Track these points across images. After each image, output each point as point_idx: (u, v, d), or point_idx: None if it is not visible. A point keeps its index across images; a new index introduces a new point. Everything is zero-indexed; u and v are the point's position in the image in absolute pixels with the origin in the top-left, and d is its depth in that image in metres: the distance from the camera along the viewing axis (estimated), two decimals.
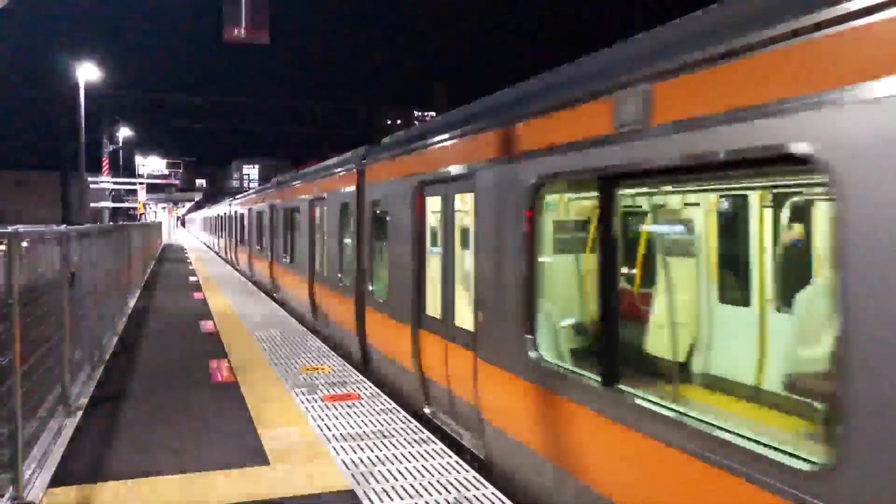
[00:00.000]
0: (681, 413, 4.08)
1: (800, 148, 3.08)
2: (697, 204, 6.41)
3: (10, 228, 5.36)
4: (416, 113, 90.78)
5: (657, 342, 6.09)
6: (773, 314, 5.95)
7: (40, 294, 6.55)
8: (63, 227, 7.84)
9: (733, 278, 6.45)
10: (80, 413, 7.40)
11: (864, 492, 2.76)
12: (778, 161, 3.37)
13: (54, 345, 6.91)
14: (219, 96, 44.14)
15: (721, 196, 6.33)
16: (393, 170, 9.32)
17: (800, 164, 3.13)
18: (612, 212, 4.73)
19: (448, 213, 7.59)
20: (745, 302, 6.22)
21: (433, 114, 74.41)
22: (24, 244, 5.76)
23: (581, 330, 6.33)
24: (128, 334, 12.41)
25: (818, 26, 3.00)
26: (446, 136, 7.41)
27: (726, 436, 3.58)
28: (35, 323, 6.17)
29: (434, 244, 8.27)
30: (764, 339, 5.94)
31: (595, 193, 4.93)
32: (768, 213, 5.96)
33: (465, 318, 7.13)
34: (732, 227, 6.36)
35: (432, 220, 8.42)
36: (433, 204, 8.21)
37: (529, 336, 5.62)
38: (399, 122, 79.39)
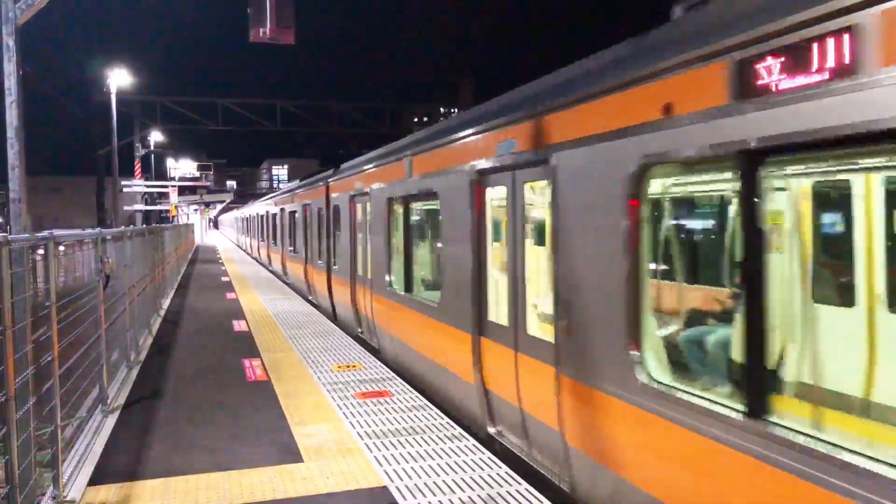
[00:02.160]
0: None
1: None
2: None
3: (46, 233, 5.46)
4: (441, 109, 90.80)
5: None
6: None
7: (77, 297, 6.68)
8: (97, 230, 7.97)
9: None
10: (117, 413, 7.52)
11: None
12: None
13: (92, 346, 7.04)
14: (247, 98, 44.41)
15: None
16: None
17: None
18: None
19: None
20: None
21: (456, 110, 74.43)
22: (62, 248, 5.86)
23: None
24: (163, 335, 12.60)
25: None
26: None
27: None
28: (73, 325, 6.29)
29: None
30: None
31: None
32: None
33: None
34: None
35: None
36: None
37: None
38: (426, 118, 79.48)
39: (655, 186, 4.98)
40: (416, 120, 78.64)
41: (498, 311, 6.84)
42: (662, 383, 4.33)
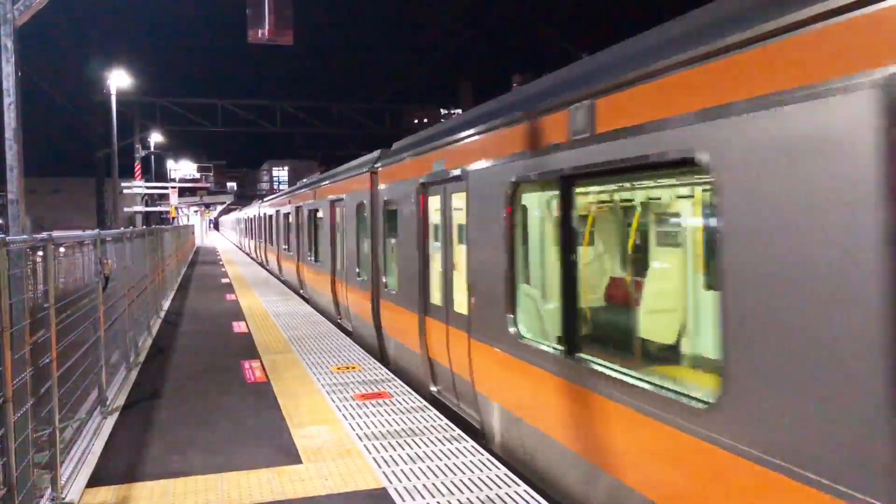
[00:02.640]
0: None
1: None
2: None
3: (44, 234, 5.46)
4: (442, 111, 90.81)
5: None
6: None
7: (76, 298, 6.67)
8: (96, 231, 7.97)
9: None
10: (116, 414, 7.52)
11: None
12: None
13: (91, 347, 7.04)
14: (247, 99, 44.53)
15: None
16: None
17: None
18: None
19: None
20: None
21: (459, 111, 74.40)
22: (61, 250, 5.85)
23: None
24: (162, 336, 12.59)
25: None
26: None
27: None
28: (73, 326, 6.28)
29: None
30: None
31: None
32: None
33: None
34: None
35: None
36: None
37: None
38: (426, 120, 79.48)
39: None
40: (415, 122, 78.65)
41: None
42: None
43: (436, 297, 8.54)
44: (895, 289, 2.78)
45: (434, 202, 8.62)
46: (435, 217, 8.65)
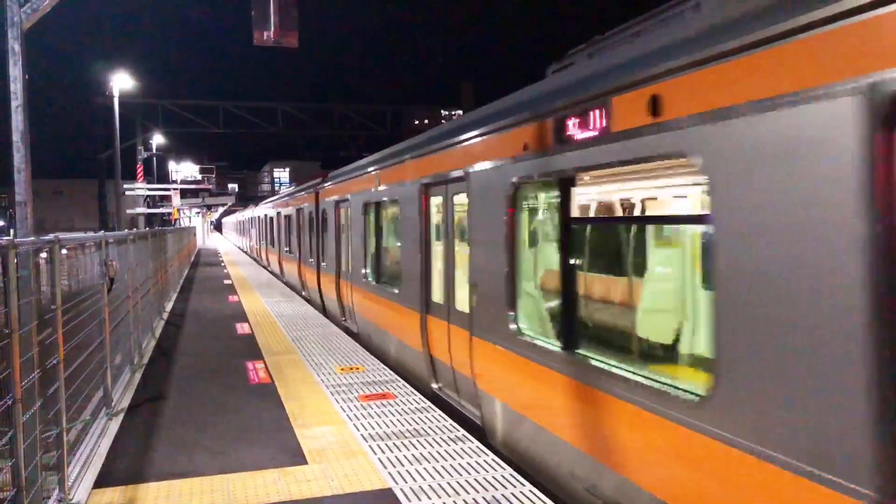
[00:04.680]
0: None
1: None
2: None
3: (51, 236, 5.48)
4: (443, 112, 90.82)
5: None
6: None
7: (81, 300, 6.69)
8: (101, 233, 7.99)
9: None
10: (121, 415, 7.54)
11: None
12: None
13: (96, 349, 7.06)
14: (249, 100, 44.64)
15: None
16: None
17: None
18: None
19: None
20: None
21: (460, 112, 74.44)
22: (64, 251, 5.88)
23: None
24: (166, 337, 12.62)
25: None
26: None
27: None
28: (78, 327, 6.31)
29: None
30: None
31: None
32: None
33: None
34: None
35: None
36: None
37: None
38: (427, 121, 79.52)
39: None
40: (416, 123, 78.65)
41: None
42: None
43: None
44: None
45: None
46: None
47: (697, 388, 4.11)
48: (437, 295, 8.84)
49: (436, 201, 8.98)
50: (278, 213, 27.26)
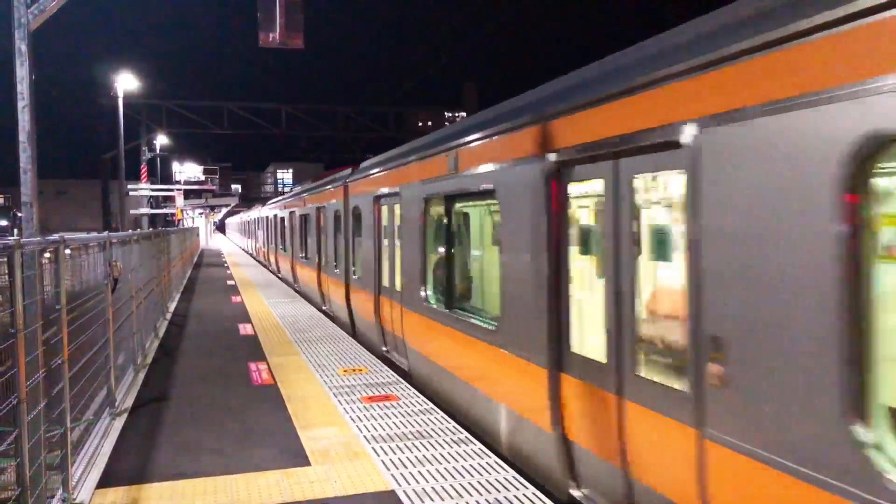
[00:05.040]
0: None
1: None
2: None
3: (56, 236, 5.50)
4: (447, 114, 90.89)
5: None
6: None
7: (85, 300, 6.71)
8: (105, 233, 8.01)
9: None
10: (125, 415, 7.55)
11: None
12: None
13: (100, 349, 7.07)
14: (253, 101, 44.72)
15: None
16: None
17: None
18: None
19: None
20: None
21: (463, 114, 74.49)
22: (67, 251, 5.89)
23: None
24: (169, 338, 12.63)
25: None
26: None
27: None
28: (81, 328, 6.32)
29: None
30: None
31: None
32: None
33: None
34: None
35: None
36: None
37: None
38: (430, 123, 79.57)
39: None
40: (419, 124, 78.68)
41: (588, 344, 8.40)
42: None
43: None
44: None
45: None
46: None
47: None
48: (588, 348, 5.43)
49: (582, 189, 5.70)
50: (291, 214, 23.72)
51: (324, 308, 17.12)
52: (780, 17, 3.41)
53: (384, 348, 11.47)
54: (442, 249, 9.01)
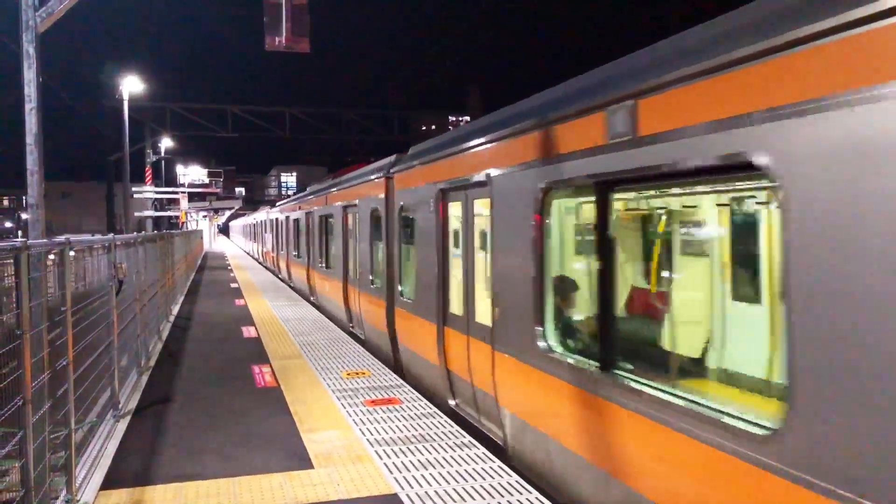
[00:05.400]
0: None
1: None
2: None
3: (61, 238, 5.52)
4: (450, 118, 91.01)
5: None
6: None
7: (90, 302, 6.73)
8: (110, 235, 8.03)
9: None
10: (128, 417, 7.56)
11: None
12: None
13: (104, 351, 7.09)
14: (257, 105, 44.82)
15: None
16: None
17: None
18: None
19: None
20: None
21: (468, 118, 74.56)
22: (72, 253, 5.91)
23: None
24: (172, 340, 12.65)
25: None
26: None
27: None
28: (85, 330, 6.34)
29: None
30: None
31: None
32: None
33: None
34: None
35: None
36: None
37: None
38: (434, 127, 79.67)
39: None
40: (423, 128, 78.79)
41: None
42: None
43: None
44: None
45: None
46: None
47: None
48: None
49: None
50: (307, 215, 20.44)
51: (352, 328, 14.23)
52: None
53: (454, 401, 8.46)
54: (580, 266, 6.34)
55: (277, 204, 34.11)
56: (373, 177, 12.33)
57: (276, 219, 30.67)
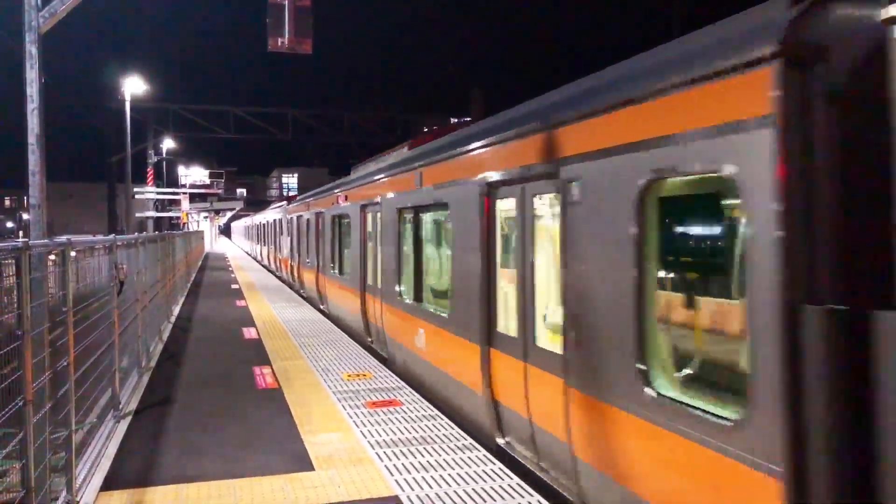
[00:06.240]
0: None
1: None
2: None
3: (63, 238, 5.51)
4: (452, 120, 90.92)
5: None
6: None
7: (91, 303, 6.72)
8: (111, 236, 8.03)
9: None
10: (129, 418, 7.55)
11: None
12: None
13: (105, 351, 7.08)
14: (259, 106, 44.85)
15: None
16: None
17: None
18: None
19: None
20: None
21: (468, 120, 74.40)
22: (73, 254, 5.90)
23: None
24: (173, 341, 12.64)
25: None
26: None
27: None
28: (85, 331, 6.33)
29: None
30: None
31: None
32: None
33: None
34: None
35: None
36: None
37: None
38: (435, 129, 79.56)
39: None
40: (425, 130, 78.72)
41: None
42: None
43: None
44: None
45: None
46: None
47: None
48: None
49: None
50: (318, 216, 18.20)
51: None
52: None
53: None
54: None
55: (292, 202, 27.09)
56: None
57: (283, 220, 27.18)
